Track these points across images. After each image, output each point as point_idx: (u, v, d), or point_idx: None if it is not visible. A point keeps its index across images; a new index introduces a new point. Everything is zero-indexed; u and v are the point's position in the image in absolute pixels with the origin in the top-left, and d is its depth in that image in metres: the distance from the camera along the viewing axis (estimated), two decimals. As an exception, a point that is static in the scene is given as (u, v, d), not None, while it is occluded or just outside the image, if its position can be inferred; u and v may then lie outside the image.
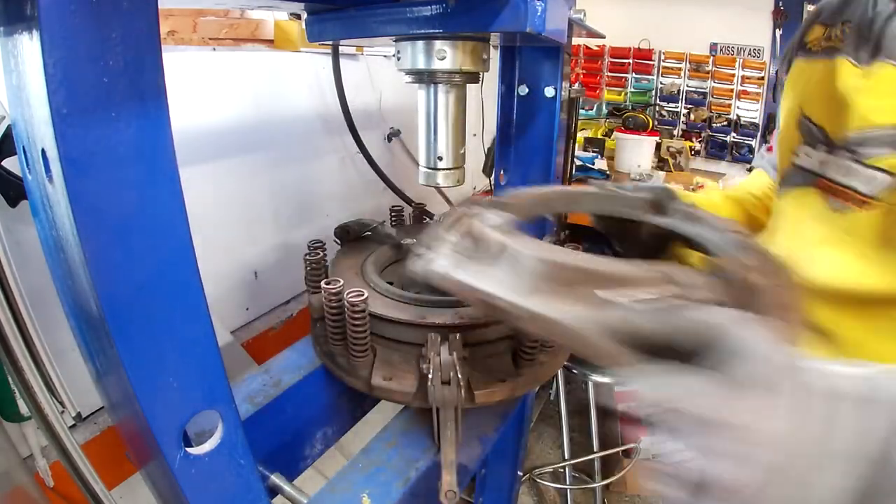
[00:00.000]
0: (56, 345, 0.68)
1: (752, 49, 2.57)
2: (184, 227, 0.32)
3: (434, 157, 0.64)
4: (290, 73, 1.24)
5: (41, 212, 0.34)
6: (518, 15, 0.49)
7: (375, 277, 0.68)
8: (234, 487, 0.39)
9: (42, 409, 0.66)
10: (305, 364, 0.68)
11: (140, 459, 0.46)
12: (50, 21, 0.24)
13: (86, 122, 0.27)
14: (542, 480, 1.95)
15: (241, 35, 1.19)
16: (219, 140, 1.08)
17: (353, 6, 0.57)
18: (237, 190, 1.13)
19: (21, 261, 0.65)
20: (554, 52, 0.80)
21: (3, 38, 0.31)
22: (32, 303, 0.65)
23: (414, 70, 0.60)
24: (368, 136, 1.38)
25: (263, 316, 1.26)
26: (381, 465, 0.56)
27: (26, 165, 0.34)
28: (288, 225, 1.28)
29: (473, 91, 0.67)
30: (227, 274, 1.15)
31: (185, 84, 1.00)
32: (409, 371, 0.58)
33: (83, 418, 0.86)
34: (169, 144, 0.30)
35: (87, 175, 0.27)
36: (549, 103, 0.84)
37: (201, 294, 0.34)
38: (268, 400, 0.61)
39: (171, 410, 0.33)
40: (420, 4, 0.52)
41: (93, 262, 0.28)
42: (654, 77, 2.79)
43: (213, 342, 0.35)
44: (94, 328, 0.32)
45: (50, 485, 0.77)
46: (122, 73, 0.27)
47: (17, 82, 0.31)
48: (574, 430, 1.98)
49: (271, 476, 0.56)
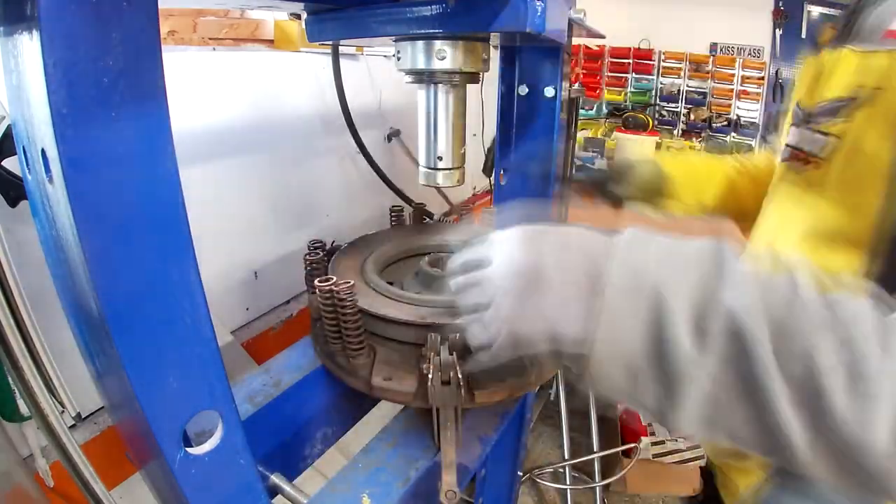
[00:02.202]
0: (56, 345, 0.68)
1: (752, 49, 2.57)
2: (184, 227, 0.32)
3: (434, 157, 0.64)
4: (290, 73, 1.24)
5: (41, 212, 0.34)
6: (518, 15, 0.50)
7: (375, 277, 0.68)
8: (234, 487, 0.39)
9: (42, 409, 0.66)
10: (305, 364, 0.68)
11: (140, 459, 0.46)
12: (50, 21, 0.24)
13: (86, 122, 0.27)
14: (542, 480, 1.95)
15: (241, 35, 1.19)
16: (219, 140, 1.08)
17: (353, 6, 0.57)
18: (237, 190, 1.13)
19: (21, 261, 0.65)
20: (554, 52, 0.80)
21: (3, 38, 0.31)
22: (32, 303, 0.65)
23: (414, 70, 0.60)
24: (368, 136, 1.38)
25: (263, 316, 1.26)
26: (381, 465, 0.56)
27: (26, 165, 0.34)
28: (288, 225, 1.28)
29: (473, 91, 0.67)
30: (227, 274, 1.15)
31: (185, 84, 1.00)
32: (409, 371, 0.58)
33: (83, 418, 0.86)
34: (169, 144, 0.30)
35: (87, 175, 0.27)
36: (549, 103, 0.84)
37: (201, 294, 0.34)
38: (268, 400, 0.61)
39: (171, 410, 0.33)
40: (420, 4, 0.52)
41: (93, 262, 0.28)
42: (654, 77, 2.79)
43: (213, 342, 0.35)
44: (94, 328, 0.32)
45: (50, 485, 0.77)
46: (122, 73, 0.27)
47: (17, 82, 0.31)
48: (574, 430, 1.98)
49: (271, 476, 0.56)
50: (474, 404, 0.56)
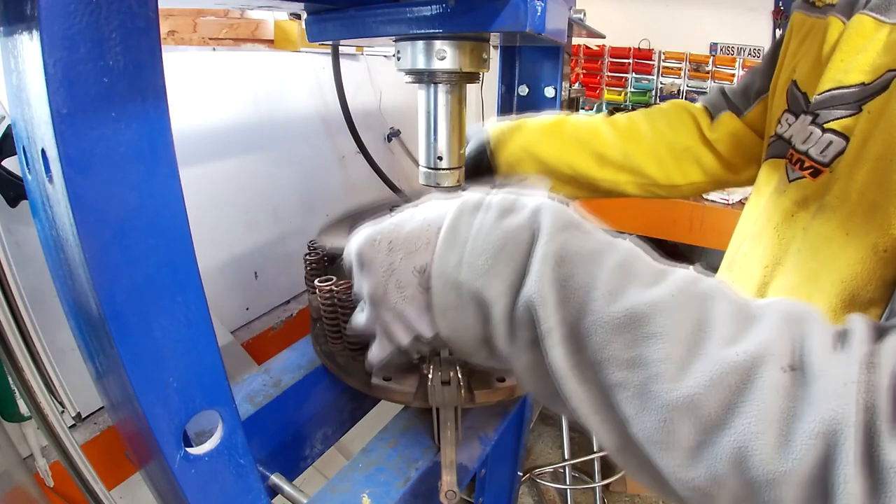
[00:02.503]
0: (56, 345, 0.68)
1: (752, 49, 2.57)
2: (184, 226, 0.32)
3: (434, 157, 0.64)
4: (290, 73, 1.24)
5: (41, 212, 0.34)
6: (518, 15, 0.49)
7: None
8: (234, 487, 0.39)
9: (42, 409, 0.66)
10: (305, 364, 0.68)
11: (140, 459, 0.46)
12: (50, 21, 0.24)
13: (86, 122, 0.27)
14: (542, 480, 1.95)
15: (241, 35, 1.19)
16: (219, 140, 1.08)
17: (353, 6, 0.57)
18: (237, 190, 1.13)
19: (21, 261, 0.65)
20: (554, 52, 0.80)
21: (3, 38, 0.31)
22: (32, 303, 0.65)
23: (414, 70, 0.60)
24: (368, 136, 1.37)
25: (263, 316, 1.26)
26: (381, 465, 0.56)
27: (26, 165, 0.34)
28: (288, 225, 1.28)
29: (473, 91, 0.67)
30: (228, 274, 1.15)
31: (185, 84, 1.00)
32: (409, 371, 0.58)
33: (83, 418, 0.86)
34: (169, 144, 0.30)
35: (87, 175, 0.27)
36: (549, 103, 0.84)
37: (201, 294, 0.34)
38: (268, 400, 0.61)
39: (171, 410, 0.33)
40: (420, 4, 0.52)
41: (93, 262, 0.28)
42: (654, 77, 2.79)
43: (213, 342, 0.35)
44: (94, 328, 0.32)
45: (50, 485, 0.77)
46: (122, 73, 0.27)
47: (17, 82, 0.31)
48: (574, 430, 1.98)
49: (271, 476, 0.56)
50: (474, 404, 0.56)
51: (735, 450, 0.27)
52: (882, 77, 0.45)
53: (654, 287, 0.31)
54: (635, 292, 0.31)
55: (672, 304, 0.30)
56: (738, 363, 0.28)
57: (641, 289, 0.31)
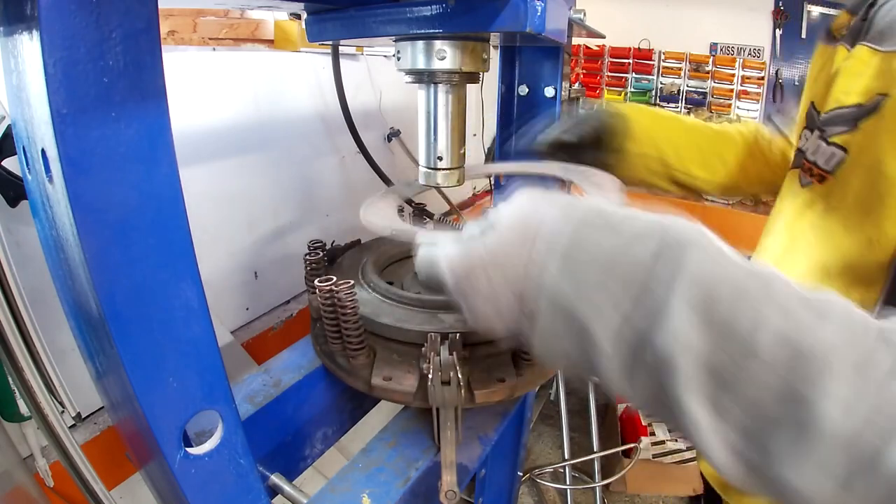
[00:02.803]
0: (56, 345, 0.68)
1: (752, 49, 2.57)
2: (184, 227, 0.32)
3: (434, 157, 0.64)
4: (289, 73, 1.24)
5: (41, 212, 0.34)
6: (518, 15, 0.49)
7: (375, 278, 0.68)
8: (234, 487, 0.39)
9: (42, 409, 0.66)
10: (305, 364, 0.68)
11: (140, 459, 0.46)
12: (50, 21, 0.24)
13: (86, 122, 0.27)
14: (542, 480, 1.95)
15: (241, 35, 1.19)
16: (219, 140, 1.08)
17: (353, 6, 0.57)
18: (237, 190, 1.13)
19: (21, 261, 0.65)
20: (554, 52, 0.80)
21: (3, 38, 0.31)
22: (32, 303, 0.65)
23: (414, 70, 0.60)
24: (368, 136, 1.37)
25: (263, 316, 1.26)
26: (381, 465, 0.56)
27: (26, 165, 0.34)
28: (288, 225, 1.28)
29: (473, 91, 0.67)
30: (227, 274, 1.15)
31: (185, 84, 1.00)
32: (409, 371, 0.58)
33: (83, 418, 0.86)
34: (169, 144, 0.30)
35: (87, 175, 0.27)
36: (549, 103, 0.84)
37: (201, 294, 0.34)
38: (268, 400, 0.61)
39: (171, 410, 0.33)
40: (420, 4, 0.52)
41: (93, 262, 0.28)
42: (654, 77, 2.79)
43: (213, 342, 0.35)
44: (94, 328, 0.32)
45: (50, 485, 0.77)
46: (122, 73, 0.27)
47: (17, 82, 0.31)
48: (574, 430, 1.98)
49: (271, 476, 0.56)
50: (474, 404, 0.56)
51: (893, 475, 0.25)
52: (874, 99, 0.53)
53: (817, 324, 0.29)
54: (796, 328, 0.28)
55: (837, 341, 0.28)
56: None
57: (801, 325, 0.29)
